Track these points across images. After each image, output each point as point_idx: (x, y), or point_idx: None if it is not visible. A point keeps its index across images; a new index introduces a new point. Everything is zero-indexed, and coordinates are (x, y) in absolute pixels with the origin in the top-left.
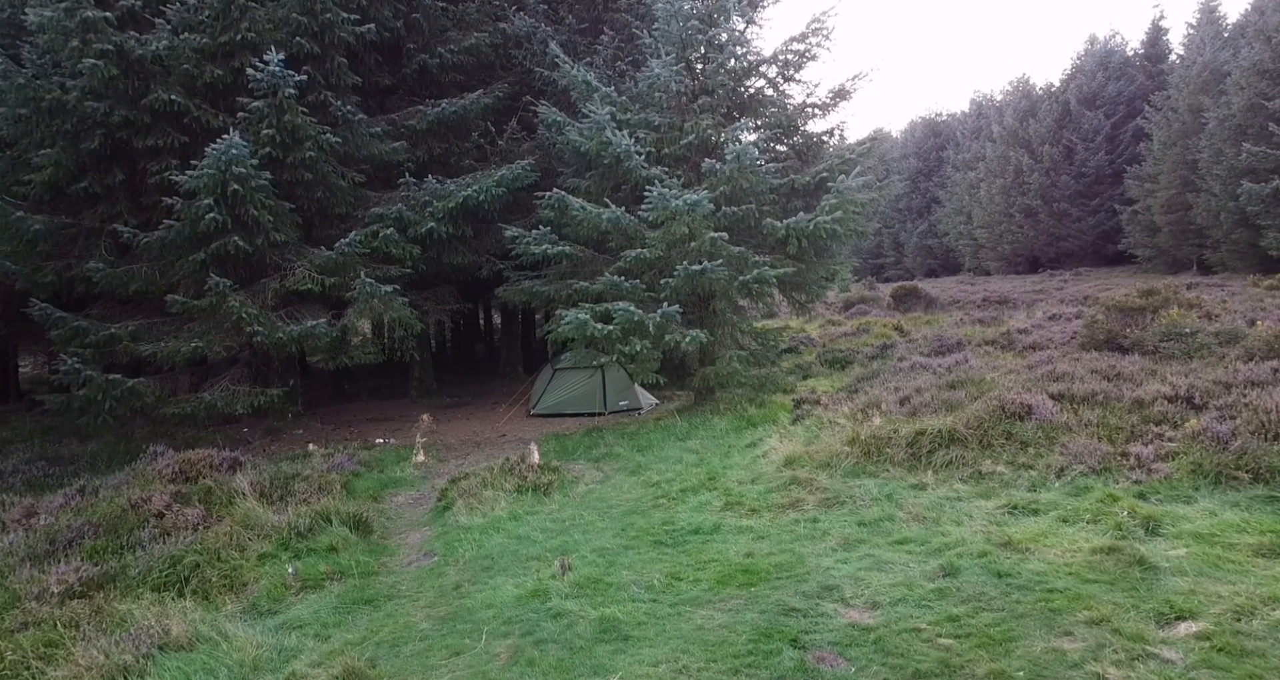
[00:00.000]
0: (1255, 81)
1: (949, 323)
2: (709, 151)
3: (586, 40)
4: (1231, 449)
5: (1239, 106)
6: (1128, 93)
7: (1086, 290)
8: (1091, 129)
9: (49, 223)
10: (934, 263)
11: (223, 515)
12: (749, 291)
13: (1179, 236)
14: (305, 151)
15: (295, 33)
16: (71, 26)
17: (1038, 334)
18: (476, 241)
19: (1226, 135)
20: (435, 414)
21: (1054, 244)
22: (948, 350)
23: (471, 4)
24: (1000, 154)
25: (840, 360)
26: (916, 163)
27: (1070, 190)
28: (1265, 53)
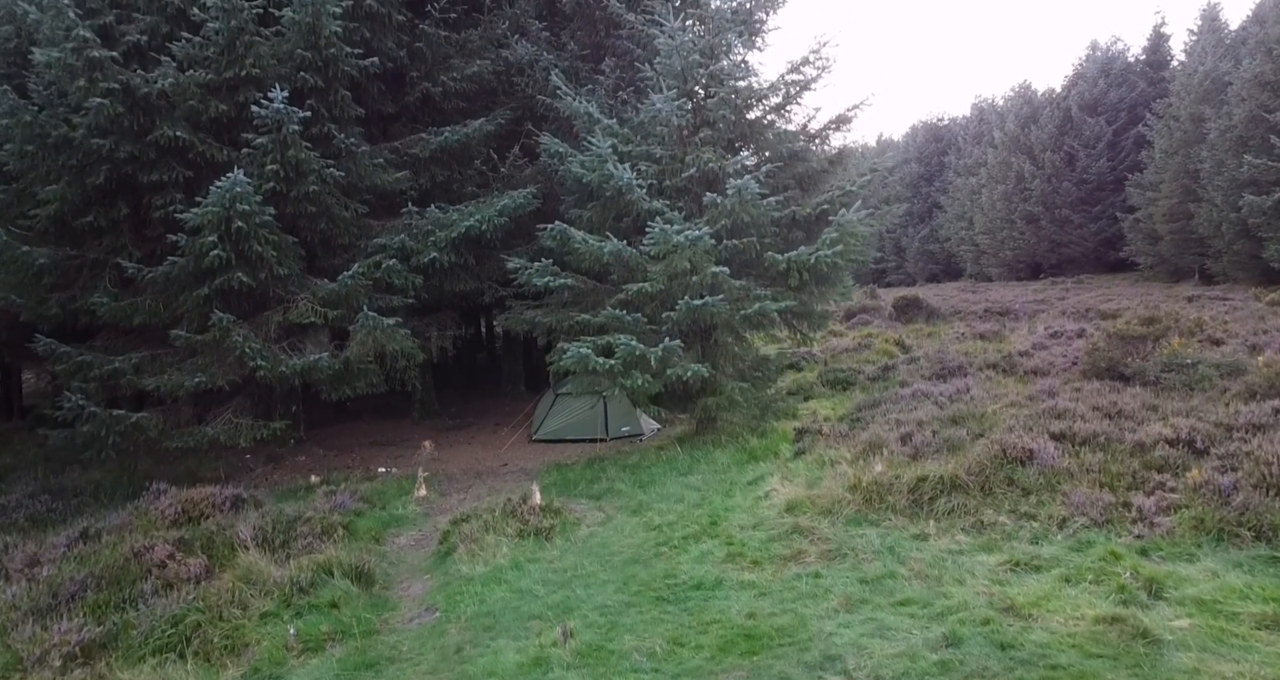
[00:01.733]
0: (1256, 93)
1: (950, 336)
2: (711, 183)
3: (589, 66)
4: (1233, 504)
5: (1240, 118)
6: (1129, 99)
7: (1088, 301)
8: (1093, 135)
9: (53, 256)
10: (935, 268)
11: (225, 566)
12: (751, 324)
13: (1181, 245)
14: (309, 185)
15: (299, 68)
16: (78, 66)
17: (1039, 356)
18: (479, 268)
19: (1228, 146)
20: (437, 437)
21: (1056, 250)
22: (950, 374)
23: (474, 31)
24: (1002, 160)
25: (842, 381)
26: (918, 167)
27: (1072, 197)
28: (1266, 65)
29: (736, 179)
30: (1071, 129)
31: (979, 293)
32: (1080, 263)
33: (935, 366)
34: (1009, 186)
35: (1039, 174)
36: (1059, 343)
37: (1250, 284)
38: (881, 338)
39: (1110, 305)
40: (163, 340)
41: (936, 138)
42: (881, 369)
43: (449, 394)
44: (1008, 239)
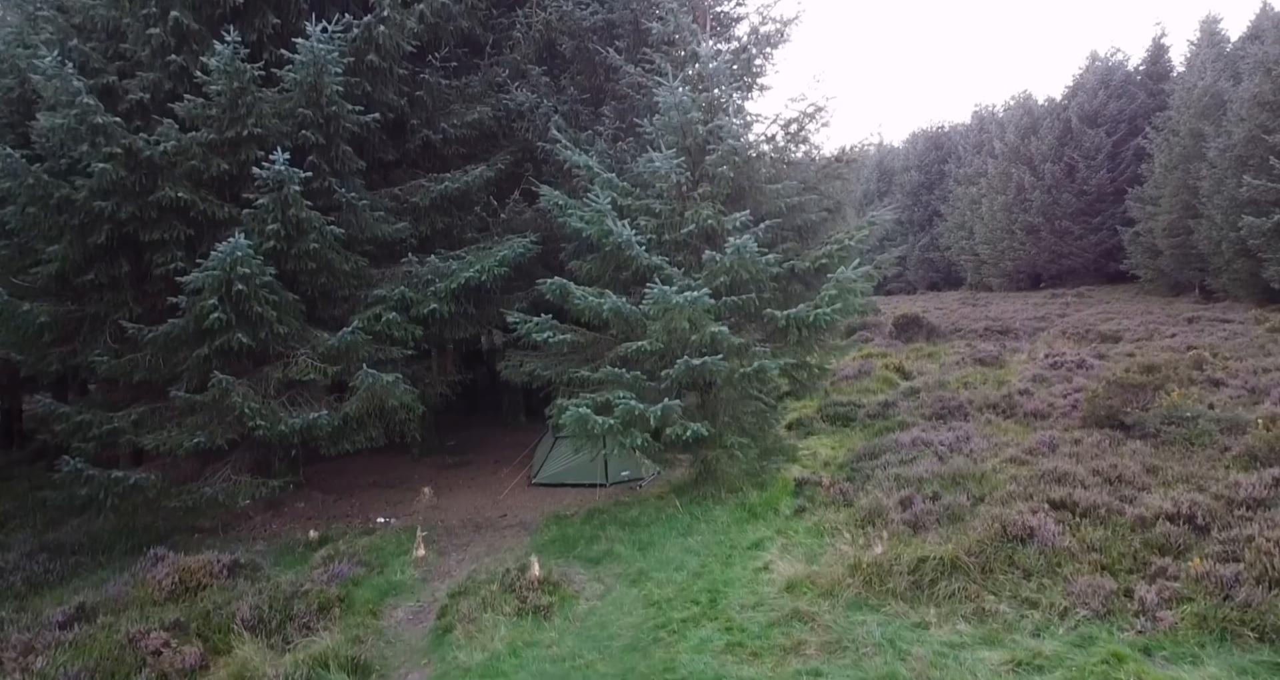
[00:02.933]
0: (1256, 113)
1: (950, 361)
2: (710, 238)
3: (589, 109)
4: (1236, 600)
5: (1239, 137)
6: (1129, 111)
7: (1088, 318)
8: (1093, 147)
9: (54, 312)
10: (936, 276)
11: (221, 654)
12: (750, 381)
13: (1181, 260)
14: (309, 243)
15: (300, 126)
16: (82, 131)
17: (1040, 395)
18: (479, 315)
19: (1227, 165)
20: (436, 477)
21: (1056, 261)
22: (949, 414)
23: (474, 76)
24: (1002, 170)
25: (842, 416)
26: (918, 175)
27: (1072, 208)
28: (1265, 85)
29: (736, 237)
30: (1071, 140)
31: (979, 306)
32: (1080, 273)
33: (935, 405)
34: (1009, 197)
35: (1039, 185)
36: (1059, 375)
37: (1251, 302)
38: (882, 361)
39: (1110, 324)
40: (163, 393)
41: (937, 146)
42: (881, 405)
43: (449, 418)
44: (1008, 249)
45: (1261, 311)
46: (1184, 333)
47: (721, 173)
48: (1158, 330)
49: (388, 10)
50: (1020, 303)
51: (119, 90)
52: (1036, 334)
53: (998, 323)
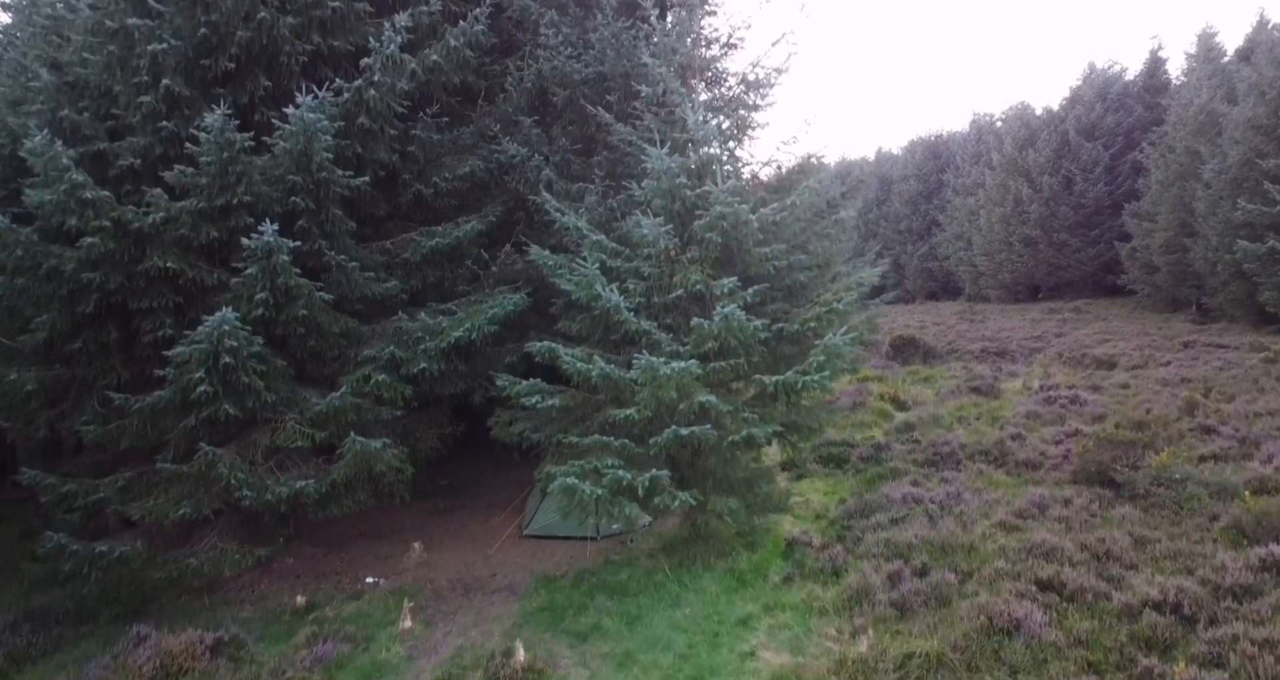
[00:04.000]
0: (1251, 137)
1: (946, 388)
2: (699, 301)
3: (581, 159)
4: None
5: (1234, 160)
6: (1126, 124)
7: (1085, 339)
8: (1090, 160)
9: (42, 378)
10: (934, 285)
11: None
12: (739, 448)
13: (1177, 277)
14: (299, 310)
15: (290, 192)
16: (71, 205)
17: (1032, 439)
18: (469, 370)
19: (1223, 186)
20: (427, 525)
21: (1054, 273)
22: (941, 461)
23: (466, 128)
24: (1000, 182)
25: (835, 457)
26: (917, 184)
27: (1070, 221)
28: (1260, 108)
29: (724, 302)
30: (1069, 153)
31: (976, 321)
32: (1078, 286)
33: (928, 449)
34: (1007, 209)
35: (1036, 197)
36: (1052, 412)
37: (1247, 323)
38: (878, 388)
39: (1106, 347)
40: (150, 456)
41: (935, 155)
42: (874, 448)
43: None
44: (1006, 261)
45: (1258, 337)
46: (1178, 361)
47: (710, 237)
48: (1152, 357)
49: (378, 75)
50: (1017, 319)
51: (110, 155)
52: (1033, 355)
53: (994, 344)
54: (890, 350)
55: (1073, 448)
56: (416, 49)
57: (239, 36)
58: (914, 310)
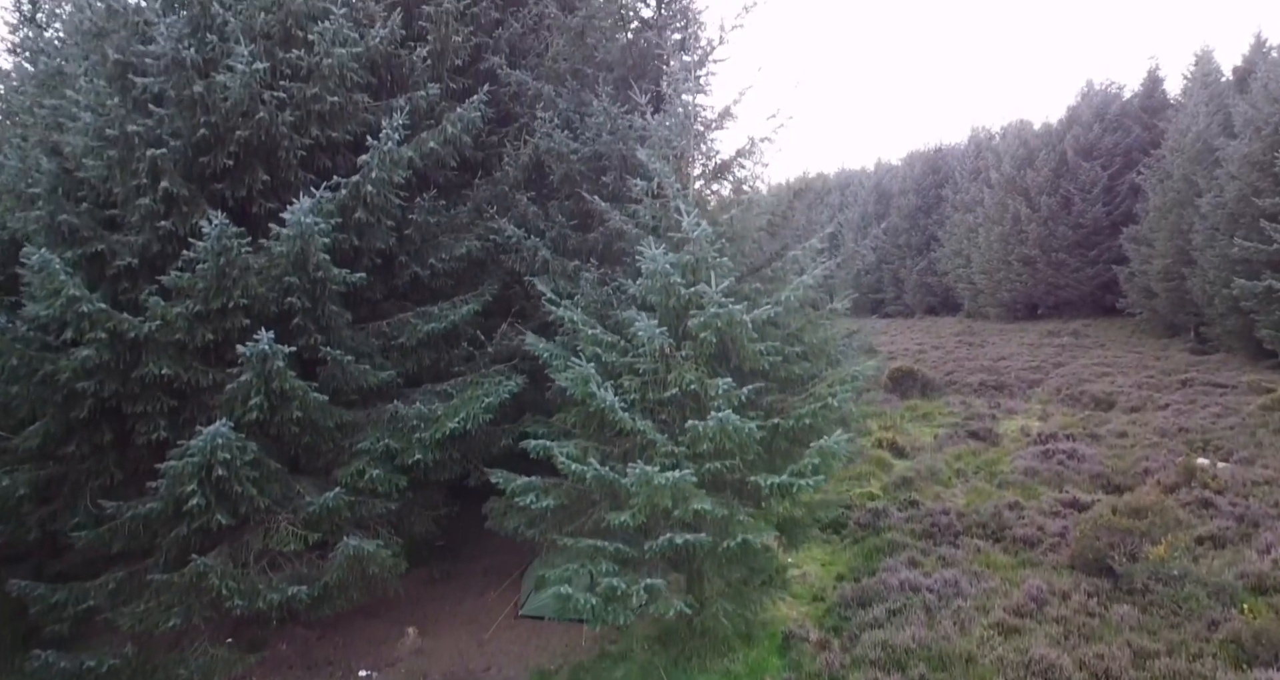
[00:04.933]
0: (1247, 173)
1: (944, 431)
2: (695, 398)
3: (578, 235)
4: None
5: (1231, 195)
6: (1124, 144)
7: (1083, 371)
8: (1089, 180)
9: (34, 479)
10: (933, 300)
11: None
12: (735, 553)
13: (1175, 304)
14: (294, 411)
15: (287, 292)
16: (67, 319)
17: (1029, 513)
18: (465, 449)
19: (1220, 220)
20: (421, 599)
21: (1053, 292)
22: (939, 533)
23: (464, 207)
24: (998, 201)
25: (832, 521)
26: (916, 199)
27: (1068, 241)
28: (1256, 144)
29: (719, 404)
30: (1067, 172)
31: (975, 345)
32: (1077, 305)
33: (925, 520)
34: (1005, 227)
35: (1035, 217)
36: (1050, 469)
37: (1245, 355)
38: (877, 426)
39: (1105, 382)
40: (142, 557)
41: (934, 169)
42: (872, 515)
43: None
44: (1004, 280)
45: (1256, 375)
46: (1175, 404)
47: (705, 336)
48: (1150, 398)
49: (376, 171)
50: (1016, 342)
51: (108, 254)
52: (1031, 389)
53: (992, 377)
54: (889, 383)
55: (1070, 525)
56: (415, 132)
57: (238, 135)
58: (914, 327)
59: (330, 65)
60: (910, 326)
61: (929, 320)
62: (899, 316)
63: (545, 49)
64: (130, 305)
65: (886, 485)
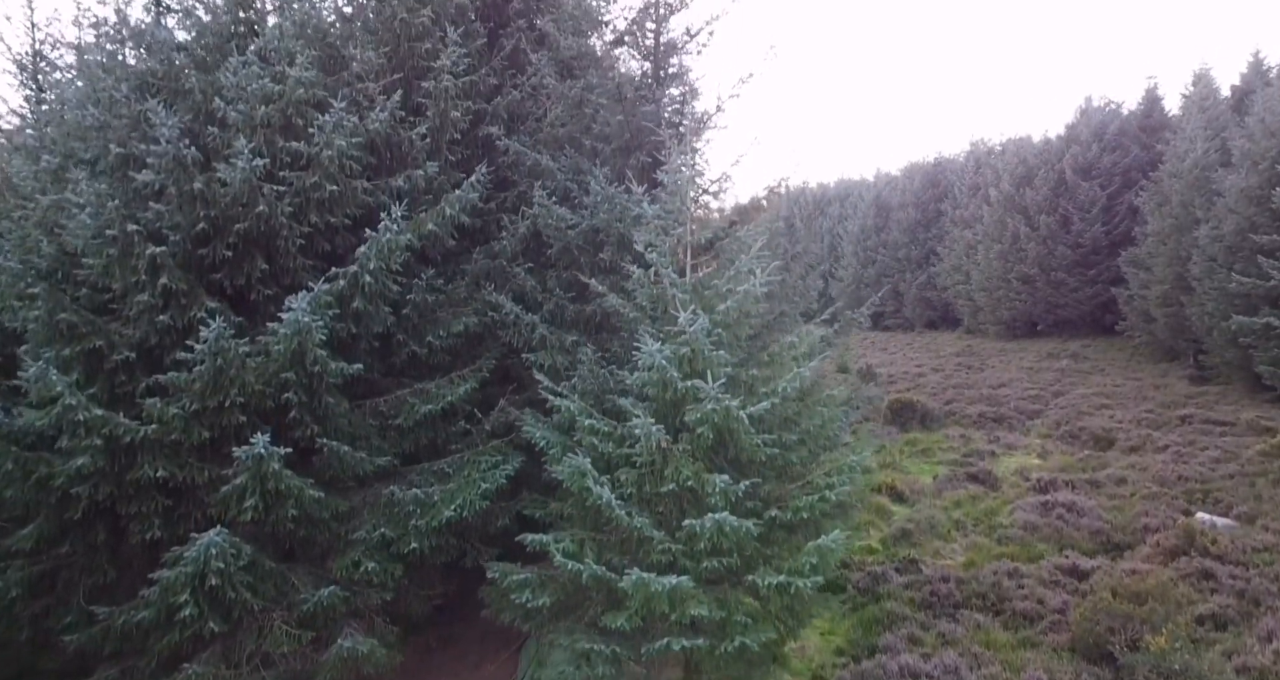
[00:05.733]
0: (1245, 207)
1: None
2: (692, 494)
3: (576, 307)
4: None
5: (1229, 229)
6: (1123, 164)
7: (1082, 402)
8: (1087, 200)
9: (27, 578)
10: (933, 314)
11: None
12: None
13: (1174, 330)
14: (289, 510)
15: (283, 388)
16: (64, 426)
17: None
18: (461, 532)
19: (1218, 253)
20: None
21: (1052, 311)
22: (939, 603)
23: (461, 282)
24: (997, 218)
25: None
26: (915, 213)
27: (1068, 260)
28: (1254, 178)
29: (716, 503)
30: (1066, 191)
31: (975, 368)
32: (1076, 324)
33: (924, 588)
34: (1005, 246)
35: (1034, 236)
36: (1049, 524)
37: (1244, 387)
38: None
39: (1104, 416)
40: (135, 657)
41: (934, 183)
42: (870, 579)
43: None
44: (1004, 298)
45: (1255, 412)
46: (1175, 445)
47: (702, 431)
48: (1150, 438)
49: (374, 261)
50: (1016, 366)
51: (105, 349)
52: (1031, 421)
53: (992, 407)
54: (889, 413)
55: (1071, 600)
56: (413, 209)
57: (237, 227)
58: (913, 343)
59: (330, 156)
60: (910, 343)
61: (929, 335)
62: (899, 330)
63: (544, 114)
64: (127, 398)
65: (886, 537)
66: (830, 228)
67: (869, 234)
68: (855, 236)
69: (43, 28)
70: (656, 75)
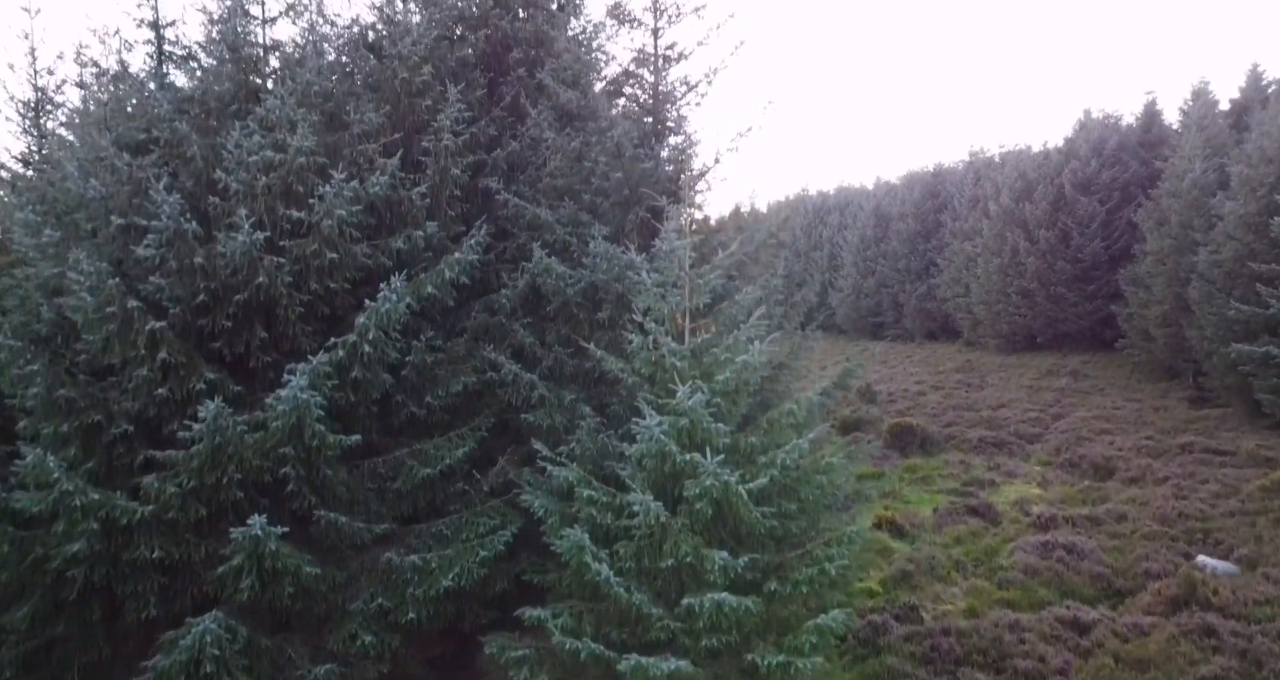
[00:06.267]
0: (1243, 234)
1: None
2: (692, 570)
3: (574, 361)
4: None
5: (1228, 255)
6: (1122, 179)
7: (1083, 426)
8: (1087, 215)
9: (21, 656)
10: (933, 325)
11: None
12: None
13: (1174, 351)
14: (287, 587)
15: (281, 463)
16: (60, 511)
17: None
18: (459, 597)
19: (1217, 278)
20: None
21: (1052, 326)
22: (939, 659)
23: (460, 339)
24: (997, 232)
25: None
26: (915, 224)
27: (1067, 275)
28: (1251, 205)
29: (715, 579)
30: (1065, 206)
31: (975, 387)
32: (1076, 339)
33: (924, 642)
34: (1004, 259)
35: (1034, 250)
36: (1048, 567)
37: (1243, 413)
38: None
39: (1104, 443)
40: None
41: (933, 194)
42: (871, 629)
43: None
44: (1003, 312)
45: (1256, 439)
46: (1175, 477)
47: (700, 507)
48: (1150, 469)
49: (373, 332)
50: (1015, 385)
51: (103, 424)
52: (1031, 446)
53: (992, 431)
54: (889, 438)
55: (1072, 659)
56: (413, 266)
57: (237, 298)
58: (913, 355)
59: (330, 225)
60: (909, 355)
61: (929, 347)
62: (899, 340)
63: (543, 163)
64: (124, 470)
65: (886, 578)
66: (830, 237)
67: (869, 244)
68: (855, 246)
69: (46, 74)
70: (655, 128)
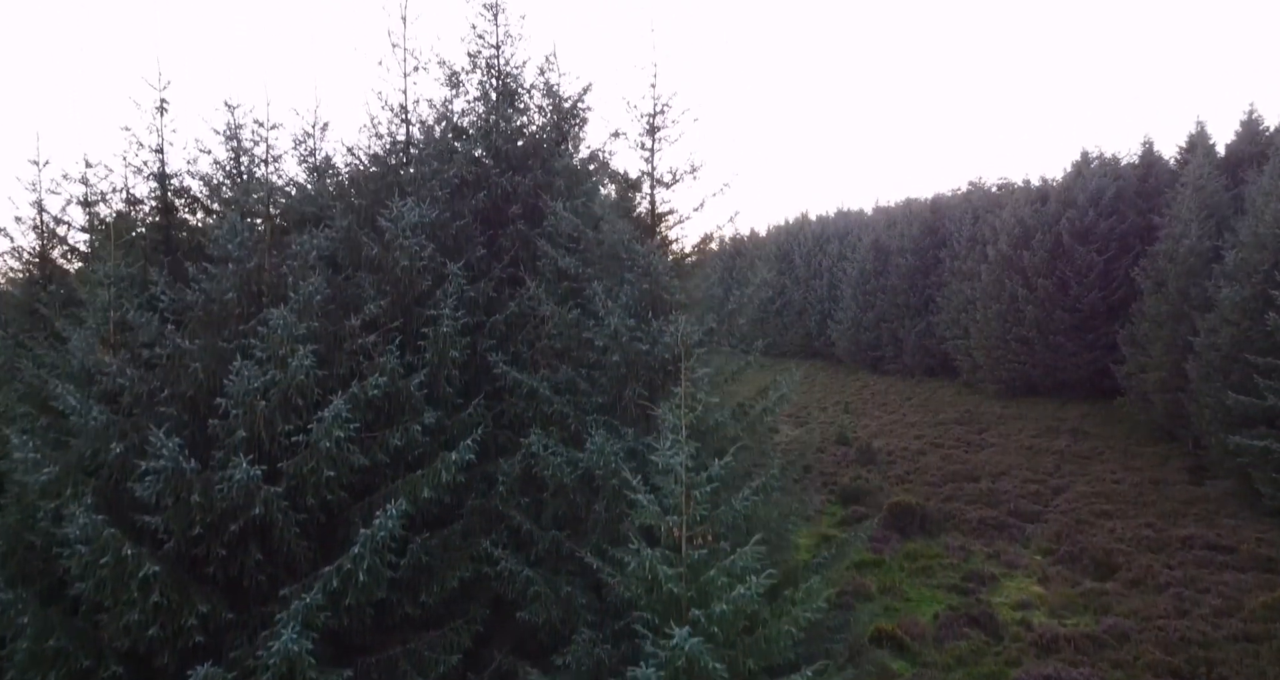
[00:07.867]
0: (1240, 319)
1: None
2: None
3: (571, 543)
4: None
5: (1225, 340)
6: (1120, 230)
7: (1083, 505)
8: (1085, 265)
9: None
10: (932, 362)
11: None
12: None
13: (1173, 418)
14: None
15: None
16: None
17: None
18: None
19: (1215, 361)
20: None
21: (1051, 374)
22: None
23: (455, 527)
24: (995, 278)
25: None
26: (913, 260)
27: (1066, 324)
28: (1247, 290)
29: None
30: (1063, 255)
31: (974, 446)
32: (1075, 387)
33: None
34: (1003, 306)
35: (1032, 298)
36: None
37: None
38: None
39: (1104, 529)
40: None
41: (932, 230)
42: None
43: None
44: (1003, 358)
45: (1258, 529)
46: (1177, 585)
47: None
48: (1151, 571)
49: (369, 559)
50: (1015, 444)
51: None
52: (1031, 525)
53: (991, 511)
54: (889, 517)
55: None
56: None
57: (232, 528)
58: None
59: (328, 446)
60: (909, 396)
61: (928, 385)
62: (897, 376)
63: (541, 323)
64: None
65: None
66: (829, 266)
67: (868, 277)
68: (854, 280)
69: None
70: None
